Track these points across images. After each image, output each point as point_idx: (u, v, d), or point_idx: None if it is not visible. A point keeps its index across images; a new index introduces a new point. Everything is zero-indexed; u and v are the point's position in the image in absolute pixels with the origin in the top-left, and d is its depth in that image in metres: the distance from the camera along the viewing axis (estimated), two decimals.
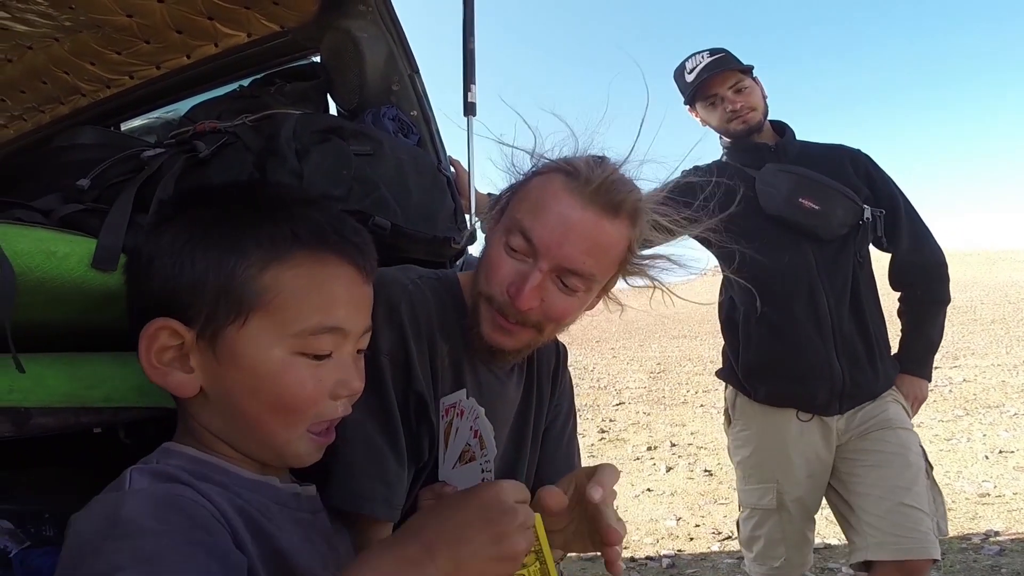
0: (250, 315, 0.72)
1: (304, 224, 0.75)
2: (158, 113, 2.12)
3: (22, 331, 0.85)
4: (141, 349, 0.73)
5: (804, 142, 2.26)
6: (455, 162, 1.71)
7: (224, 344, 0.73)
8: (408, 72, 1.65)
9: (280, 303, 0.73)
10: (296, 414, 0.76)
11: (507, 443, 1.22)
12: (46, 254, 0.82)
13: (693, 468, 5.19)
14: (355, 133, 1.18)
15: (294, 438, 0.78)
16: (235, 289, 0.72)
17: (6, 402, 0.85)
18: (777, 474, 2.15)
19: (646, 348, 14.07)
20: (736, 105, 2.17)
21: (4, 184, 1.25)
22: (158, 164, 1.02)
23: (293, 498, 0.81)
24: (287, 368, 0.74)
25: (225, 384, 0.74)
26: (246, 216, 0.75)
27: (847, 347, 2.08)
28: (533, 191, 1.03)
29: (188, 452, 0.76)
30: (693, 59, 2.23)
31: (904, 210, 2.17)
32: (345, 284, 0.78)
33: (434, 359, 1.05)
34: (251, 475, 0.77)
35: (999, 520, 3.65)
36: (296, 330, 0.74)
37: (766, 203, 2.12)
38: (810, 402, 2.10)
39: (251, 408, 0.75)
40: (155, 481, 0.68)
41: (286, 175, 1.03)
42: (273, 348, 0.73)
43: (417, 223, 1.22)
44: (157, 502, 0.62)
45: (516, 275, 1.00)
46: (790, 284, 2.09)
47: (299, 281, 0.74)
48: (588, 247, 0.99)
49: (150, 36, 1.78)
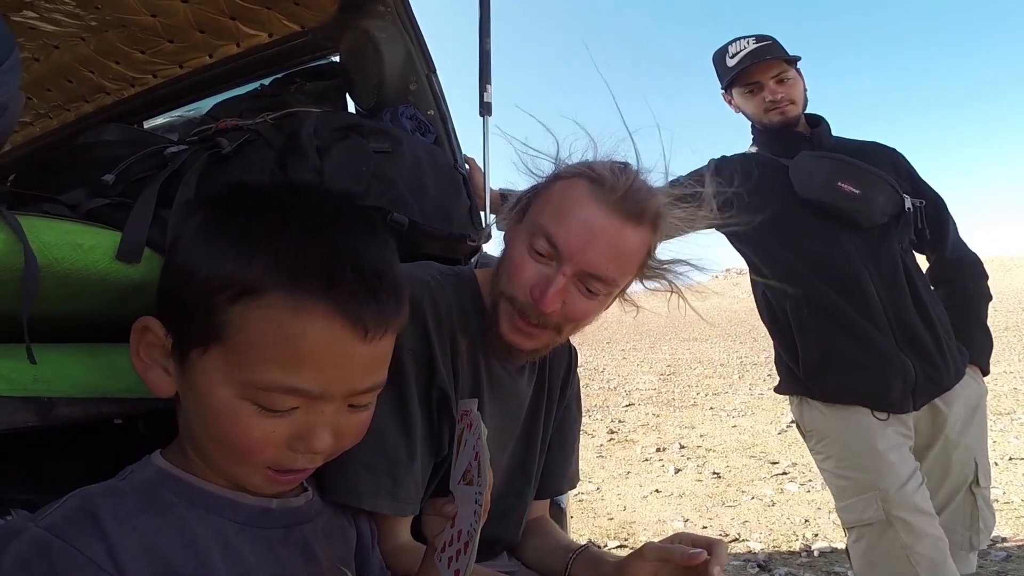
0: (211, 345, 0.66)
1: (293, 257, 0.65)
2: (180, 111, 2.15)
3: (46, 322, 0.87)
4: (131, 339, 0.72)
5: (840, 137, 2.18)
6: (469, 160, 1.72)
7: (188, 362, 0.69)
8: (425, 72, 1.67)
9: (238, 345, 0.65)
10: (242, 456, 0.70)
11: (518, 440, 1.24)
12: (72, 246, 0.84)
13: (702, 470, 5.19)
14: (374, 131, 1.20)
15: (245, 472, 0.73)
16: (207, 314, 0.66)
17: (31, 392, 0.88)
18: (876, 479, 1.86)
19: (656, 350, 14.06)
20: (776, 95, 2.06)
21: (32, 179, 1.27)
22: (181, 160, 1.04)
23: (260, 515, 0.76)
24: (233, 411, 0.67)
25: (185, 401, 0.72)
26: (248, 229, 0.67)
27: (910, 338, 1.93)
28: (556, 196, 1.04)
29: (160, 465, 0.74)
30: (737, 43, 2.12)
31: (945, 210, 2.09)
32: (322, 342, 0.66)
33: (455, 355, 1.07)
34: (217, 491, 0.73)
35: (1007, 526, 3.64)
36: (247, 379, 0.66)
37: (801, 188, 2.01)
38: (884, 399, 1.92)
39: (200, 434, 0.72)
40: (66, 514, 0.65)
41: (307, 172, 1.04)
42: (220, 386, 0.67)
43: (434, 220, 1.24)
44: (31, 547, 0.61)
45: (540, 278, 1.02)
46: (833, 275, 1.97)
47: (264, 327, 0.64)
48: (611, 253, 1.01)
49: (174, 35, 1.81)
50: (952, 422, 1.97)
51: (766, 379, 9.57)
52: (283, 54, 1.86)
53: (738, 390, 9.01)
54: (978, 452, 2.00)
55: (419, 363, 1.03)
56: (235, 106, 1.39)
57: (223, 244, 0.66)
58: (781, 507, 4.23)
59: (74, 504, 0.66)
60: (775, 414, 6.97)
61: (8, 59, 0.78)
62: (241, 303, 0.64)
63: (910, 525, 1.81)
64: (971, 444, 1.99)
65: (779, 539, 3.70)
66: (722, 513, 4.21)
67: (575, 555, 1.16)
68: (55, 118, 2.25)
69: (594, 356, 13.31)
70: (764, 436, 6.20)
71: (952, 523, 1.98)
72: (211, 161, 1.04)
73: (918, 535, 1.81)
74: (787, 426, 6.18)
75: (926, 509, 1.84)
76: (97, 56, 1.91)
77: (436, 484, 1.08)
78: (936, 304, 2.02)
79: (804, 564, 3.34)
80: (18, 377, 0.86)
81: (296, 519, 0.80)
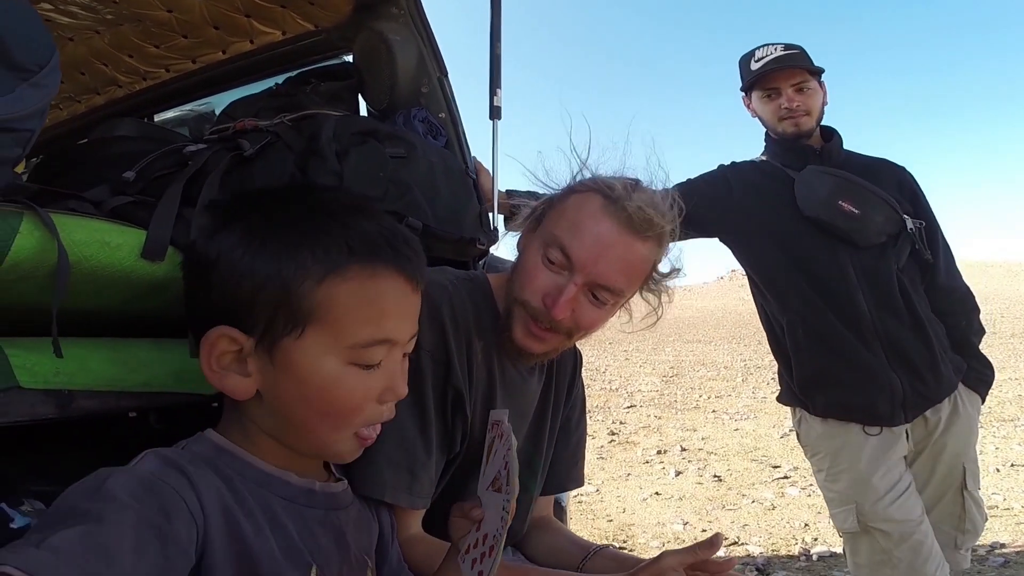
0: (306, 327, 0.76)
1: (358, 236, 0.78)
2: (191, 106, 2.17)
3: (69, 317, 0.89)
4: (202, 354, 0.77)
5: (850, 151, 2.19)
6: (476, 164, 1.74)
7: (281, 353, 0.76)
8: (437, 75, 1.68)
9: (334, 317, 0.76)
10: (344, 419, 0.80)
11: (526, 438, 1.28)
12: (101, 244, 0.86)
13: (703, 473, 5.21)
14: (390, 136, 1.22)
15: (340, 439, 0.82)
16: (293, 302, 0.75)
17: (52, 384, 0.89)
18: (854, 494, 2.03)
19: (659, 352, 14.06)
20: (793, 104, 2.08)
21: (48, 174, 1.29)
22: (203, 160, 1.06)
23: (305, 494, 0.83)
24: (339, 378, 0.77)
25: (278, 390, 0.78)
26: (303, 226, 0.77)
27: (900, 355, 1.99)
28: (571, 209, 1.11)
29: (217, 440, 0.79)
30: (765, 49, 2.14)
31: (941, 235, 2.12)
32: (395, 296, 0.81)
33: (470, 356, 1.12)
34: (268, 468, 0.80)
35: (1006, 532, 3.65)
36: (349, 343, 0.77)
37: (804, 204, 2.04)
38: (872, 413, 2.02)
39: (301, 413, 0.79)
40: (159, 464, 0.71)
41: (327, 175, 1.07)
42: (327, 359, 0.77)
43: (446, 224, 1.26)
44: (140, 481, 0.66)
45: (552, 286, 1.09)
46: (828, 291, 2.03)
47: (353, 295, 0.77)
48: (621, 266, 1.09)
49: (188, 31, 1.82)
50: (937, 426, 2.05)
51: (769, 383, 9.58)
52: (296, 53, 1.87)
53: (741, 393, 9.02)
54: (965, 455, 2.07)
55: (437, 364, 1.08)
56: (251, 105, 1.41)
57: (290, 241, 0.76)
58: (781, 511, 4.24)
59: (157, 459, 0.72)
60: (777, 418, 6.98)
61: (51, 61, 0.81)
62: (326, 283, 0.75)
63: (887, 534, 1.97)
64: (957, 447, 2.05)
65: (778, 543, 3.72)
66: (722, 516, 4.23)
67: (593, 552, 1.21)
68: (65, 110, 2.27)
69: (596, 357, 13.32)
70: (766, 440, 6.22)
71: (940, 522, 2.06)
72: (234, 163, 1.06)
73: (897, 540, 1.96)
74: (789, 430, 6.18)
75: (903, 518, 1.97)
76: (111, 49, 1.93)
77: (447, 480, 1.13)
78: (934, 323, 2.06)
79: (803, 568, 3.36)
80: (40, 370, 0.88)
81: (334, 504, 0.87)
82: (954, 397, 2.05)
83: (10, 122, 0.80)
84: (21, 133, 0.82)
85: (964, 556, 2.10)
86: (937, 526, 2.04)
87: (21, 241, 0.80)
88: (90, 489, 0.64)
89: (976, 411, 2.10)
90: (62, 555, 0.55)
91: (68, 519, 0.60)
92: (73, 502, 0.63)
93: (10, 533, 1.22)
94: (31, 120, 0.82)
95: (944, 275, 2.11)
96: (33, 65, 0.82)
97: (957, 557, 2.08)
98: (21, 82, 0.81)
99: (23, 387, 0.86)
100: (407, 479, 1.02)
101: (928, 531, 1.99)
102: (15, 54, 0.80)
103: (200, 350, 0.77)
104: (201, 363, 0.77)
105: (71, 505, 0.63)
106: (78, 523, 0.59)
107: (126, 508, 0.62)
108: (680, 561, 0.94)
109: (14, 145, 0.82)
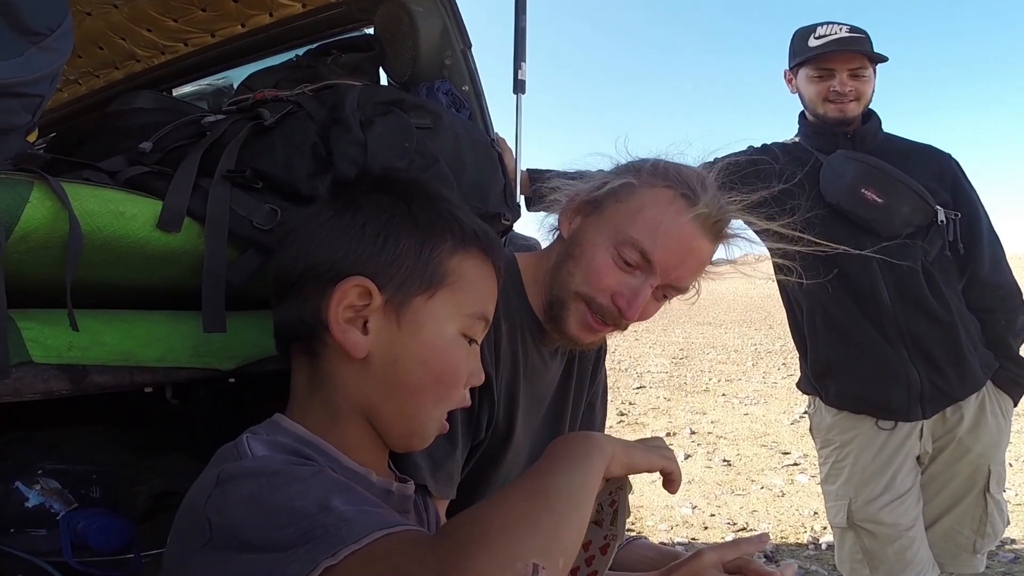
0: (438, 290, 0.81)
1: (478, 226, 0.88)
2: (209, 80, 2.14)
3: (82, 289, 0.86)
4: (332, 302, 0.77)
5: (890, 135, 2.12)
6: (499, 140, 1.71)
7: (410, 312, 0.80)
8: (461, 47, 1.64)
9: (461, 285, 0.83)
10: (450, 390, 0.84)
11: (543, 422, 1.25)
12: (115, 214, 0.84)
13: (712, 457, 5.19)
14: (415, 106, 1.19)
15: (435, 417, 0.84)
16: (430, 266, 0.81)
17: (65, 359, 0.87)
18: (850, 491, 2.03)
19: (670, 333, 14.04)
20: (845, 88, 1.98)
21: (65, 145, 1.27)
22: (221, 130, 1.03)
23: (383, 494, 0.83)
24: (455, 345, 0.83)
25: (397, 350, 0.80)
26: (441, 208, 0.85)
27: (921, 349, 1.95)
28: (648, 207, 1.06)
29: (296, 430, 0.78)
30: (828, 27, 2.03)
31: (987, 226, 2.04)
32: (492, 281, 0.89)
33: (498, 341, 1.09)
34: (351, 464, 0.80)
35: (1016, 528, 3.62)
36: (468, 312, 0.84)
37: (826, 190, 1.98)
38: (886, 406, 1.98)
39: (416, 377, 0.81)
40: (274, 451, 0.72)
41: (351, 146, 1.04)
42: (449, 323, 0.82)
43: (471, 198, 1.23)
44: (292, 461, 0.70)
45: (625, 287, 1.06)
46: (849, 281, 1.97)
47: (474, 271, 0.85)
48: (696, 268, 1.10)
49: (207, 4, 1.80)
50: (958, 424, 1.99)
51: (780, 367, 9.54)
52: (316, 25, 1.84)
53: (751, 377, 8.98)
54: (992, 458, 2.01)
55: None
56: (271, 76, 1.38)
57: (433, 216, 0.84)
58: (791, 498, 4.23)
59: (271, 444, 0.74)
60: (788, 404, 6.95)
61: (62, 24, 0.78)
62: (459, 255, 0.83)
63: (873, 535, 1.98)
64: (982, 449, 1.99)
65: (787, 530, 3.71)
66: (731, 501, 4.22)
67: (626, 543, 1.17)
68: (84, 84, 2.26)
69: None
70: (776, 425, 6.19)
71: (959, 525, 2.01)
72: (253, 132, 1.04)
73: (881, 543, 1.97)
74: (800, 416, 6.17)
75: (892, 522, 1.97)
76: (129, 23, 1.91)
77: (471, 466, 1.10)
78: (965, 318, 1.99)
79: (811, 556, 3.35)
80: (53, 344, 0.86)
81: (404, 506, 0.89)
82: (981, 397, 2.00)
83: (18, 86, 0.77)
84: (31, 98, 0.79)
85: (980, 560, 2.05)
86: (956, 529, 2.01)
87: (31, 211, 0.78)
88: (261, 472, 0.66)
89: (1007, 413, 2.04)
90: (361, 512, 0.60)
91: (295, 494, 0.62)
92: (265, 484, 0.64)
93: (25, 513, 1.22)
94: (40, 84, 0.80)
95: (988, 270, 2.02)
96: (44, 28, 0.79)
97: (974, 561, 2.03)
98: (31, 45, 0.78)
99: (36, 362, 0.84)
100: (431, 466, 0.99)
101: (916, 538, 1.98)
102: (25, 17, 0.77)
103: (330, 298, 0.77)
104: (327, 311, 0.77)
105: (268, 493, 0.63)
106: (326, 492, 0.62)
107: (322, 475, 0.66)
108: (720, 556, 0.91)
109: (22, 111, 0.79)
